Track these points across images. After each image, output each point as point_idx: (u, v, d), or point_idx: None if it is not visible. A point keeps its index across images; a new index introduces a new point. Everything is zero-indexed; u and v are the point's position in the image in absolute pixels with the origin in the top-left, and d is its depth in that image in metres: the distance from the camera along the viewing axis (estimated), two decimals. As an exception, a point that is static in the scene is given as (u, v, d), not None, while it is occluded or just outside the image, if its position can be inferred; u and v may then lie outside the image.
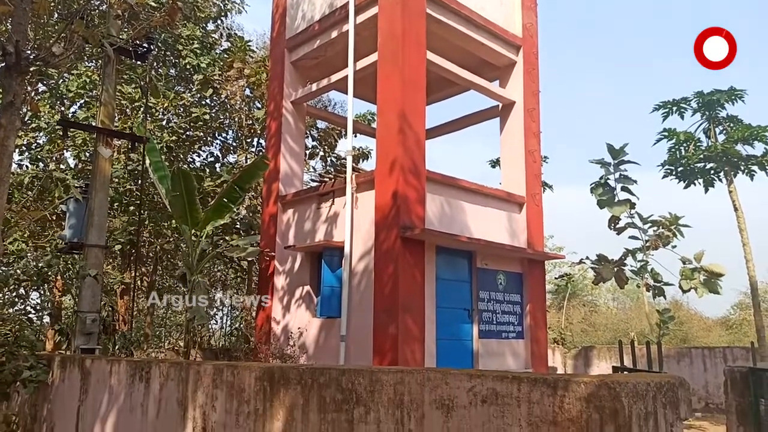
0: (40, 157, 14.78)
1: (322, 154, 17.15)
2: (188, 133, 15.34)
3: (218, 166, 16.38)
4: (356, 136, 14.83)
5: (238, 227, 14.74)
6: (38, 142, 14.96)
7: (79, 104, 15.15)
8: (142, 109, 14.23)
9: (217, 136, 16.55)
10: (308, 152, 16.35)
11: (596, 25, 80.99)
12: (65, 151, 15.09)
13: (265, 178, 11.51)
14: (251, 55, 15.95)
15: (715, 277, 9.38)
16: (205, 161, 16.73)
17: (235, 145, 16.82)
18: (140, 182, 12.65)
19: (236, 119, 15.98)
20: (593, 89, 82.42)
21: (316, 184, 11.63)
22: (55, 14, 12.21)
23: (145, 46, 10.38)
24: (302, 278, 10.56)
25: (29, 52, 6.39)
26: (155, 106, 14.81)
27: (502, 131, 11.46)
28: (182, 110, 15.34)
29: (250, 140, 16.69)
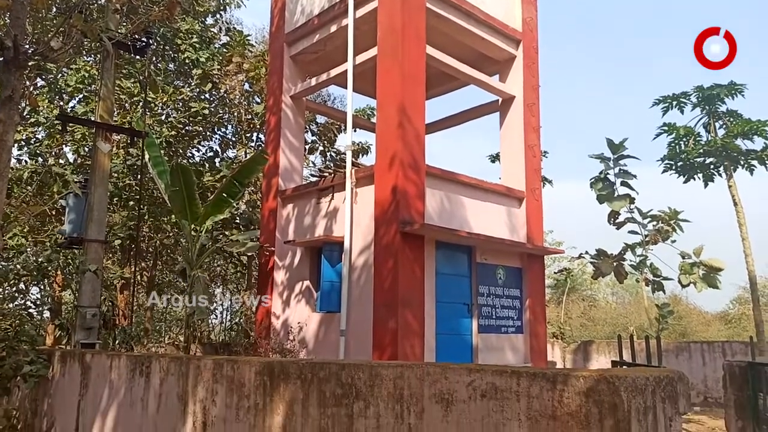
0: (39, 152, 14.75)
1: (321, 148, 17.12)
2: (187, 127, 15.31)
3: (218, 161, 16.36)
4: (356, 130, 14.81)
5: (237, 222, 14.73)
6: (37, 136, 14.93)
7: (77, 99, 15.11)
8: (141, 103, 14.20)
9: (216, 130, 16.52)
10: (308, 147, 16.32)
11: (596, 21, 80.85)
12: (64, 146, 15.05)
13: (264, 173, 11.50)
14: (250, 49, 15.89)
15: (714, 271, 9.40)
16: (204, 156, 16.71)
17: (234, 139, 16.79)
18: (139, 177, 12.64)
19: (235, 114, 15.94)
20: (593, 84, 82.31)
21: (315, 179, 11.62)
22: (53, 8, 12.15)
23: (143, 40, 10.35)
24: (302, 273, 10.57)
25: (27, 46, 6.38)
26: (154, 100, 14.77)
27: (501, 126, 11.45)
28: (181, 105, 15.31)
29: (249, 135, 16.66)
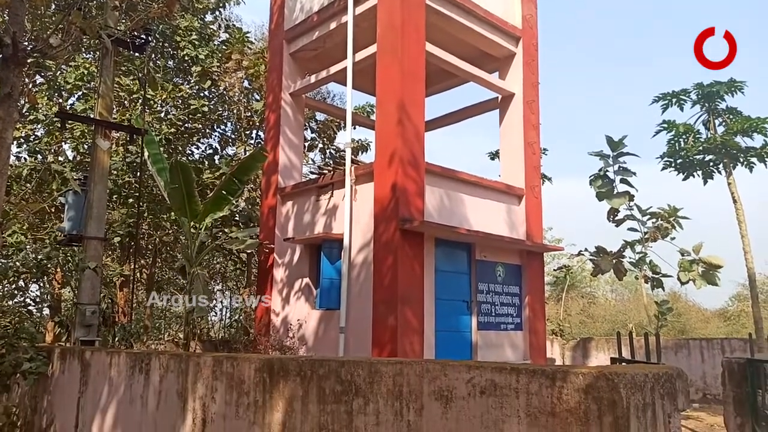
0: (38, 149, 14.73)
1: (321, 146, 17.12)
2: (187, 125, 15.30)
3: (217, 158, 16.34)
4: (355, 128, 14.76)
5: (237, 219, 14.73)
6: (36, 134, 14.91)
7: (77, 96, 15.09)
8: (140, 101, 14.18)
9: (215, 128, 16.51)
10: (307, 144, 16.32)
11: (596, 20, 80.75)
12: (63, 143, 15.04)
13: (264, 170, 11.50)
14: (249, 46, 15.87)
15: (713, 268, 9.42)
16: (203, 153, 16.70)
17: (233, 137, 16.79)
18: (139, 174, 12.62)
19: (235, 111, 15.93)
20: (593, 83, 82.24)
21: (315, 176, 11.61)
22: (52, 5, 12.13)
23: (143, 37, 10.33)
24: (301, 270, 10.58)
25: (26, 43, 6.36)
26: (153, 98, 14.75)
27: (501, 123, 11.44)
28: (180, 102, 15.29)
29: (248, 132, 16.65)
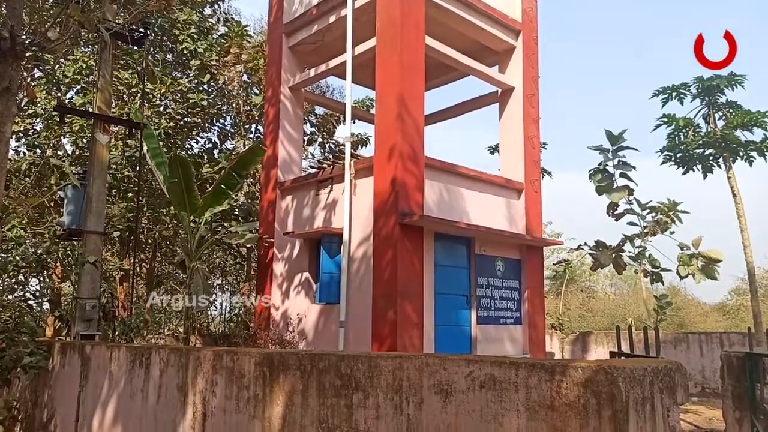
0: (37, 143, 14.71)
1: (320, 140, 17.08)
2: (186, 119, 15.27)
3: (216, 152, 16.33)
4: (355, 122, 14.78)
5: (236, 214, 14.72)
6: (35, 128, 14.88)
7: (75, 90, 15.05)
8: (139, 94, 14.15)
9: (214, 122, 16.48)
10: (306, 138, 16.29)
11: (597, 16, 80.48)
12: (62, 137, 15.00)
13: (263, 164, 11.48)
14: (248, 40, 15.81)
15: (712, 263, 9.42)
16: (203, 147, 16.68)
17: (233, 131, 16.75)
18: (138, 168, 12.61)
19: (234, 105, 15.89)
20: (593, 77, 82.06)
21: (314, 170, 11.60)
22: (50, -1, 12.06)
23: (141, 31, 10.28)
24: (301, 264, 10.58)
25: (25, 37, 6.33)
26: (152, 91, 14.71)
27: (501, 117, 11.42)
28: (179, 96, 15.25)
29: (248, 126, 16.61)
